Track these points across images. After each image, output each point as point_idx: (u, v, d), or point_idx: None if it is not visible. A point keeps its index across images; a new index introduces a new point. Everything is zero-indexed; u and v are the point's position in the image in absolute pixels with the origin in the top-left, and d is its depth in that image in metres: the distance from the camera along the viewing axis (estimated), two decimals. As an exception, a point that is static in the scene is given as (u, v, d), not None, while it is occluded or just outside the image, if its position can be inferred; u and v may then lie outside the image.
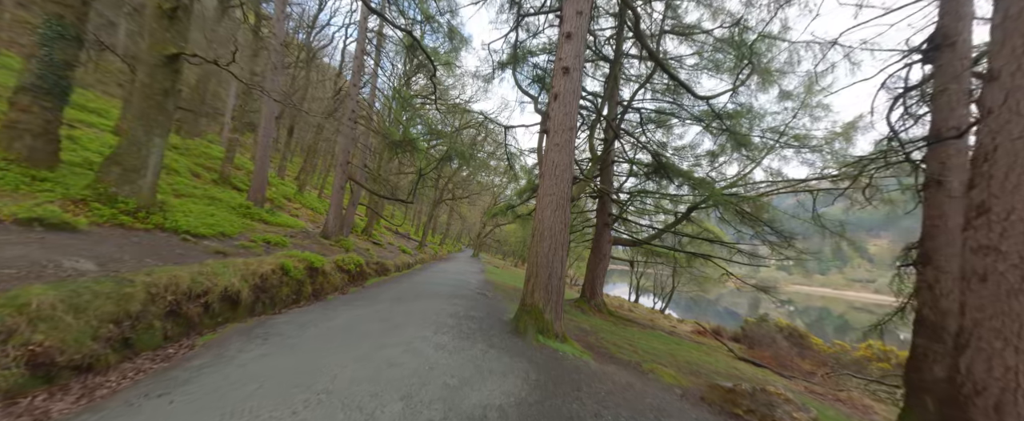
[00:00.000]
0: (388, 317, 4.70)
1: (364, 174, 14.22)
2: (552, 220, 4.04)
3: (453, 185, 27.15)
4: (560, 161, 4.19)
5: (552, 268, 4.00)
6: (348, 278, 8.16)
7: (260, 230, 8.65)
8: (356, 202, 14.80)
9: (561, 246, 4.02)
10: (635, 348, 6.18)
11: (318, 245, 9.78)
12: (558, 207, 4.04)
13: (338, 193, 11.07)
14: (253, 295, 4.28)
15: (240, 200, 10.30)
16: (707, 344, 9.58)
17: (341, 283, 7.36)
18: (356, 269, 8.70)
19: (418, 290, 7.98)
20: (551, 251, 4.00)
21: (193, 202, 8.31)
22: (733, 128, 7.09)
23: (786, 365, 7.70)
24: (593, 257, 10.56)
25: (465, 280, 12.29)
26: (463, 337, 3.89)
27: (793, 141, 7.41)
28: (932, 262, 3.53)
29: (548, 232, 4.05)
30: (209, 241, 5.26)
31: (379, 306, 5.42)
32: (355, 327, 3.99)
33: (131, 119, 4.60)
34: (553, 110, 4.32)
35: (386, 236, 22.46)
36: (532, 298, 4.09)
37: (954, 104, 3.57)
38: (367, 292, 7.03)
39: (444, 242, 37.62)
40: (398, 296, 6.58)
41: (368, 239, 17.79)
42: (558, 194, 4.09)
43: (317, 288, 6.11)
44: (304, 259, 5.89)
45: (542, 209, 4.11)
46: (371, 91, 14.48)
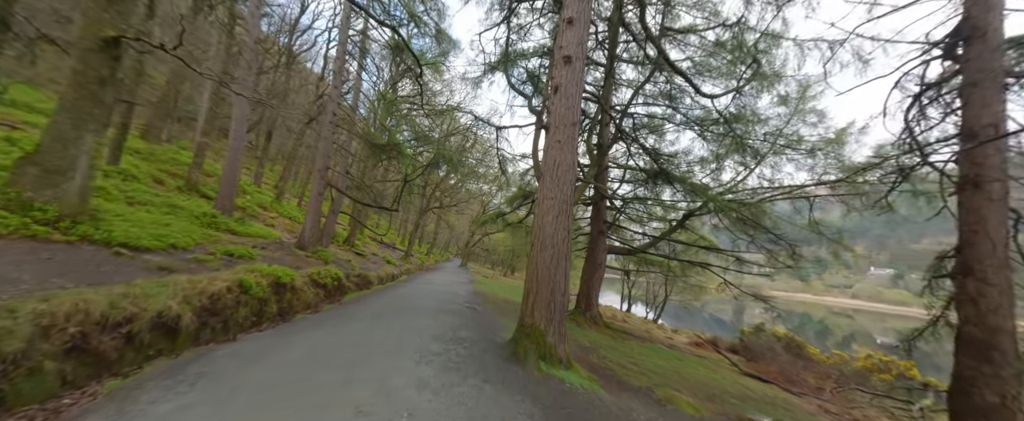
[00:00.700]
0: (363, 341, 4.06)
1: (346, 181, 13.48)
2: (553, 227, 3.52)
3: (441, 193, 26.47)
4: (562, 160, 3.69)
5: (554, 282, 3.47)
6: (324, 293, 7.43)
7: (225, 241, 7.85)
8: (337, 210, 14.00)
9: (564, 257, 3.49)
10: (640, 368, 5.67)
11: (292, 257, 8.99)
12: (560, 213, 3.54)
13: (316, 200, 10.32)
14: (198, 320, 3.59)
15: (206, 208, 9.44)
16: (709, 358, 9.15)
17: (315, 300, 6.64)
18: (333, 283, 7.97)
19: (401, 305, 7.30)
20: (553, 263, 3.50)
21: (148, 211, 7.48)
22: (737, 130, 6.80)
23: (793, 380, 7.31)
24: (588, 266, 10.09)
25: (453, 292, 11.61)
26: (451, 368, 3.29)
27: (796, 145, 7.18)
28: (974, 273, 3.19)
29: (549, 241, 3.53)
30: (153, 255, 4.52)
31: (354, 326, 4.75)
32: (319, 357, 3.34)
33: (58, 112, 3.90)
34: (553, 104, 3.84)
35: (370, 246, 21.52)
36: (532, 318, 3.53)
37: (988, 100, 3.29)
38: (344, 309, 6.32)
39: (431, 252, 36.65)
40: (378, 313, 5.91)
41: (350, 250, 16.89)
42: (560, 198, 3.58)
43: (284, 307, 5.40)
44: (269, 274, 5.19)
45: (542, 215, 3.60)
46: (354, 95, 13.85)
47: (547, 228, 3.61)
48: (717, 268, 9.93)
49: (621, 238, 11.99)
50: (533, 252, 3.67)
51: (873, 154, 7.19)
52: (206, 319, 3.72)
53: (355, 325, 4.80)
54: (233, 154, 9.71)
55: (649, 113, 10.77)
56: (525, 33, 9.90)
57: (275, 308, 5.06)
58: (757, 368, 8.00)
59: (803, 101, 8.29)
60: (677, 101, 8.70)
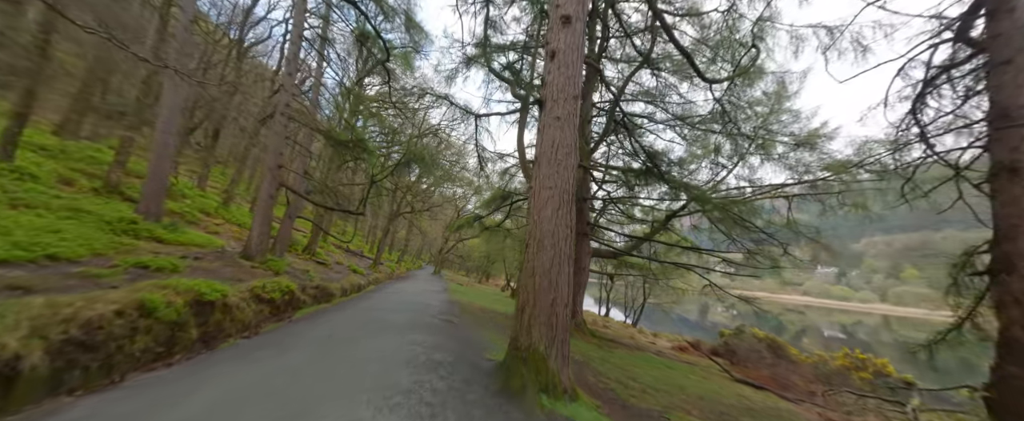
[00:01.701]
0: (305, 377, 3.12)
1: (304, 182, 12.14)
2: (553, 223, 2.84)
3: (412, 197, 25.18)
4: (562, 140, 3.02)
5: (556, 291, 2.78)
6: (269, 310, 6.28)
7: (143, 251, 6.50)
8: (295, 215, 12.58)
9: (566, 259, 2.81)
10: (640, 384, 5.06)
11: (234, 268, 7.70)
12: (561, 204, 2.85)
13: (266, 203, 9.04)
14: (60, 360, 2.54)
15: (126, 213, 7.93)
16: (697, 363, 8.79)
17: (255, 319, 5.51)
18: (283, 297, 6.81)
19: (364, 320, 6.30)
20: (554, 266, 2.82)
21: (40, 215, 6.03)
22: (731, 121, 6.49)
23: (784, 385, 7.05)
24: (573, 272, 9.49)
25: (426, 302, 10.62)
26: (425, 417, 2.47)
27: (782, 139, 7.01)
28: (1017, 270, 2.86)
29: (548, 240, 2.85)
30: (9, 269, 3.35)
31: (298, 355, 3.77)
32: (231, 410, 2.41)
33: None
34: (550, 74, 3.17)
35: (334, 254, 19.86)
36: (528, 337, 2.79)
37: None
38: (292, 329, 5.26)
39: (402, 259, 34.91)
40: (331, 333, 4.91)
41: (311, 258, 15.36)
42: (560, 186, 2.90)
43: (210, 331, 4.31)
44: (189, 290, 4.10)
45: (539, 208, 2.93)
46: (315, 89, 12.58)
47: (545, 224, 2.89)
48: (700, 270, 9.68)
49: (599, 240, 11.55)
50: (528, 255, 2.96)
51: (855, 152, 7.15)
52: (74, 357, 2.66)
53: (300, 353, 3.83)
54: (161, 150, 8.28)
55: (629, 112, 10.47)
56: (502, 28, 9.27)
57: (194, 333, 3.98)
58: (747, 373, 7.69)
59: (786, 97, 8.16)
60: (661, 97, 8.40)
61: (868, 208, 8.25)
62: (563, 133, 3.09)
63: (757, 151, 8.25)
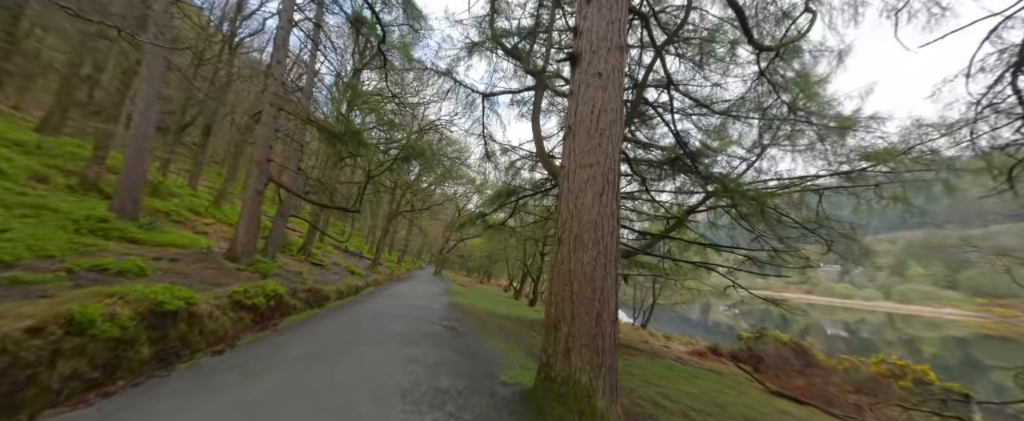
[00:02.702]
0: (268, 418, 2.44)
1: (297, 179, 11.46)
2: (596, 211, 2.15)
3: (412, 195, 24.49)
4: (606, 102, 2.26)
5: (602, 301, 2.08)
6: (251, 318, 5.60)
7: (111, 252, 5.81)
8: (288, 214, 11.89)
9: (612, 259, 2.10)
10: (674, 401, 4.36)
11: (215, 271, 7.02)
12: (606, 187, 2.14)
13: (254, 200, 8.36)
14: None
15: (98, 211, 7.24)
16: (720, 371, 8.09)
17: (232, 329, 4.83)
18: (268, 303, 6.13)
19: (358, 329, 5.61)
20: (598, 269, 2.12)
21: (-9, 211, 5.35)
22: (781, 99, 5.73)
23: (826, 397, 6.34)
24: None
25: (426, 306, 9.94)
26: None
27: (833, 124, 6.28)
28: None
29: (590, 234, 2.14)
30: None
31: (262, 383, 3.05)
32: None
33: None
34: (587, 19, 2.40)
35: (332, 255, 19.18)
36: (567, 364, 2.08)
37: None
38: (272, 341, 4.57)
39: (402, 260, 34.23)
40: (320, 347, 4.22)
41: (306, 259, 14.68)
42: (605, 163, 2.18)
43: (170, 346, 3.62)
44: (141, 298, 3.41)
45: (576, 193, 2.24)
46: (309, 79, 11.88)
47: (584, 213, 2.17)
48: (722, 269, 8.96)
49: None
50: (560, 256, 2.25)
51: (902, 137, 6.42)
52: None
53: (271, 377, 3.13)
54: (138, 142, 7.59)
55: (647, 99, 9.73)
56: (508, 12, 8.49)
57: (146, 352, 3.29)
58: (782, 384, 6.99)
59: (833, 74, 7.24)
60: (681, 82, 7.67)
61: (910, 201, 7.52)
62: (606, 94, 2.36)
63: (793, 137, 7.48)
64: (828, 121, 5.99)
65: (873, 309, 77.88)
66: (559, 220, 2.18)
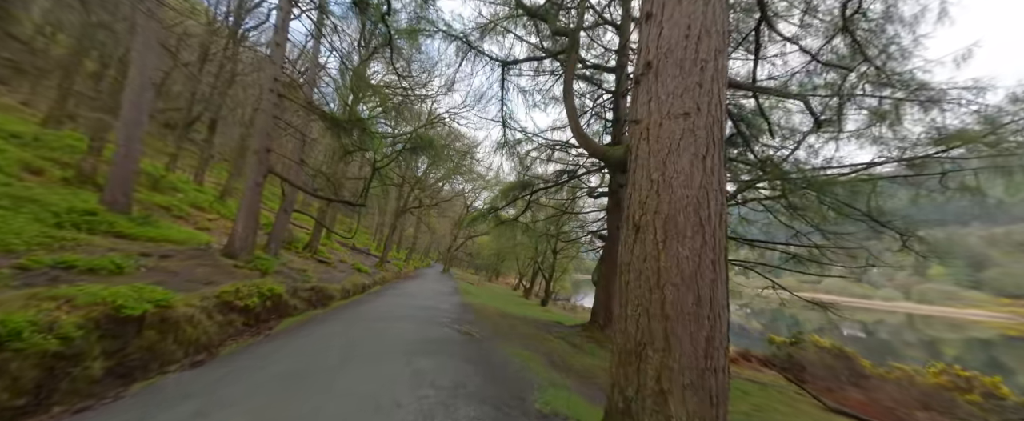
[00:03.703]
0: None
1: (301, 172, 10.94)
2: (696, 181, 1.45)
3: (420, 191, 23.96)
4: (708, 21, 1.45)
5: (713, 319, 1.36)
6: (244, 320, 5.02)
7: (95, 247, 5.30)
8: (291, 209, 11.38)
9: (721, 254, 1.32)
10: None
11: (211, 268, 6.48)
12: (710, 143, 1.32)
13: (253, 193, 7.82)
14: None
15: (87, 204, 6.76)
16: (762, 382, 7.30)
17: (218, 334, 4.24)
18: (264, 303, 5.56)
19: (361, 333, 4.99)
20: (703, 269, 1.40)
21: (-40, 202, 4.85)
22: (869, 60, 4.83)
23: (896, 416, 5.53)
24: (606, 271, 8.08)
25: (436, 306, 9.33)
26: None
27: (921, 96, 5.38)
28: None
29: (687, 215, 1.43)
30: None
31: (236, 411, 2.41)
32: None
33: None
34: None
35: (338, 253, 18.75)
36: (661, 412, 1.36)
37: None
38: (261, 349, 3.95)
39: (410, 257, 33.85)
40: (314, 361, 3.58)
41: (312, 257, 14.20)
42: (707, 108, 1.39)
43: (131, 358, 3.02)
44: (98, 302, 2.81)
45: (661, 155, 1.53)
46: (312, 67, 11.32)
47: (679, 186, 1.45)
48: (762, 268, 8.15)
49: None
50: (638, 250, 1.54)
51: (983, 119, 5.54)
52: None
53: (245, 404, 2.47)
54: (128, 131, 7.09)
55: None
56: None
57: (99, 367, 2.68)
58: (839, 399, 6.18)
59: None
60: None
61: (985, 192, 6.60)
62: (708, 8, 1.65)
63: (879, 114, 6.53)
64: (914, 89, 5.12)
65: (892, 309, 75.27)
66: (633, 198, 1.50)
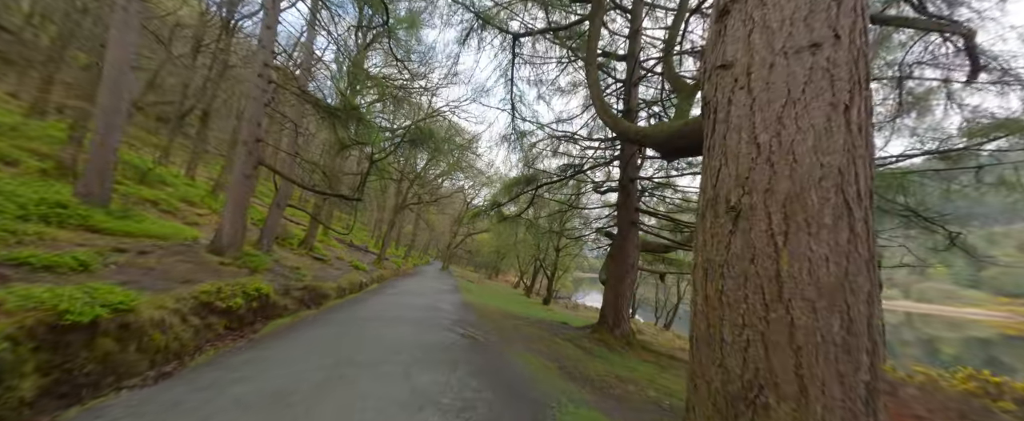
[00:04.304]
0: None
1: (295, 166, 10.44)
2: (839, 142, 0.95)
3: (419, 187, 23.45)
4: None
5: (870, 346, 0.87)
6: (225, 323, 4.56)
7: (61, 243, 4.82)
8: (284, 203, 10.88)
9: (873, 245, 0.84)
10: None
11: (194, 265, 6.01)
12: (854, 88, 0.84)
13: (241, 185, 7.33)
14: None
15: (60, 196, 6.26)
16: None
17: (193, 339, 3.78)
18: (249, 304, 5.10)
19: (355, 338, 4.53)
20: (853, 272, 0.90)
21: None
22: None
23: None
24: (616, 269, 7.63)
25: (436, 305, 8.88)
26: None
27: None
28: None
29: (824, 196, 0.94)
30: None
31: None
32: None
33: None
34: None
35: (336, 249, 18.27)
36: None
37: None
38: (236, 360, 3.48)
39: (409, 255, 33.38)
40: (297, 375, 3.11)
41: (308, 253, 13.73)
42: (849, 38, 0.87)
43: (76, 373, 2.55)
44: (30, 307, 2.34)
45: (775, 107, 1.00)
46: (306, 57, 10.79)
47: (803, 152, 0.98)
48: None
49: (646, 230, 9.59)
50: (736, 248, 1.06)
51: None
52: None
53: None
54: (107, 118, 6.58)
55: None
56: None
57: (32, 386, 2.22)
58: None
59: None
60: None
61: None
62: None
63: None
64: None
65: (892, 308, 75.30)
66: (724, 173, 1.01)
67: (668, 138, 2.10)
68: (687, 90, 3.11)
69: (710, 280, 1.05)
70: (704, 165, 1.20)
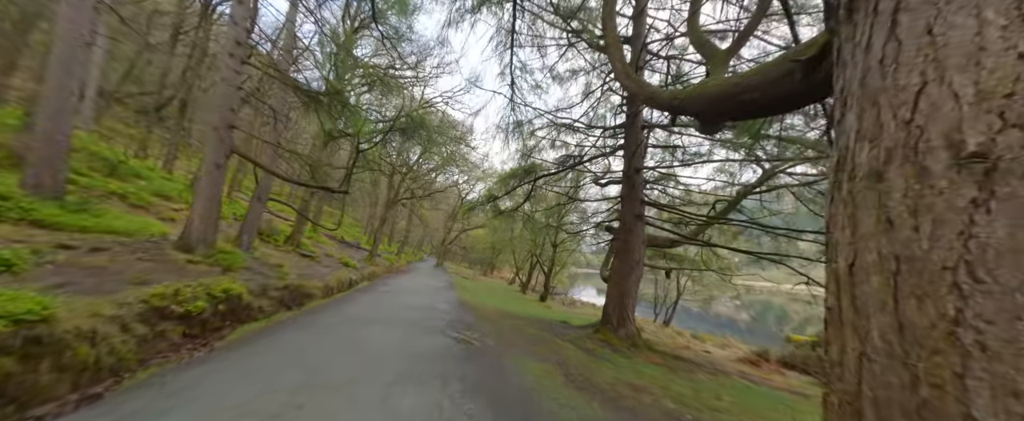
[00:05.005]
0: None
1: (276, 157, 9.77)
2: None
3: (412, 181, 22.77)
4: None
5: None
6: (183, 330, 3.99)
7: (-15, 238, 4.18)
8: (265, 197, 10.23)
9: None
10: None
11: (156, 263, 5.40)
12: None
13: (212, 176, 6.70)
14: None
15: (7, 188, 5.58)
16: (809, 395, 6.48)
17: (138, 352, 3.20)
18: (216, 307, 4.52)
19: (335, 348, 3.99)
20: None
21: None
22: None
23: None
24: (620, 266, 7.17)
25: (430, 305, 8.36)
26: None
27: None
28: None
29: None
30: None
31: None
32: None
33: None
34: None
35: (325, 246, 17.59)
36: None
37: None
38: (187, 375, 2.92)
39: (402, 251, 32.71)
40: (240, 403, 2.54)
41: (294, 250, 13.08)
42: None
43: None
44: None
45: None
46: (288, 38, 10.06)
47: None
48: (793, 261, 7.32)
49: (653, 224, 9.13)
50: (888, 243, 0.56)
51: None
52: None
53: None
54: (57, 101, 5.89)
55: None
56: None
57: None
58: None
59: None
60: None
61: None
62: None
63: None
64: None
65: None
66: (919, 105, 0.60)
67: (714, 99, 1.59)
68: (720, 56, 2.59)
69: (868, 274, 0.56)
70: (837, 113, 0.72)
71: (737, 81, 1.68)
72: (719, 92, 1.62)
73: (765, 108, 1.46)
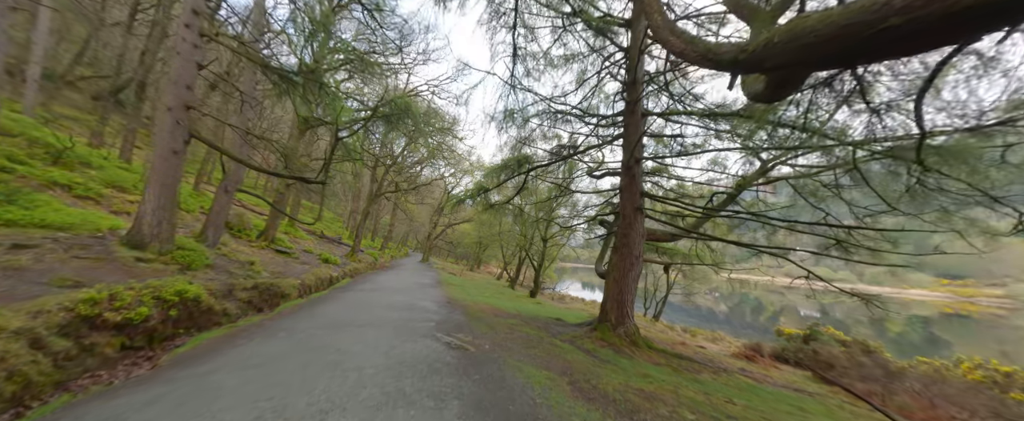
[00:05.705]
0: None
1: (245, 144, 8.91)
2: None
3: (396, 174, 21.91)
4: None
5: None
6: (120, 343, 3.36)
7: None
8: (233, 188, 9.38)
9: None
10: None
11: (93, 263, 4.67)
12: None
13: (166, 162, 5.92)
14: None
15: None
16: (811, 389, 6.34)
17: (50, 375, 2.58)
18: (165, 313, 3.88)
19: (306, 360, 3.44)
20: None
21: None
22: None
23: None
24: (620, 261, 6.81)
25: (416, 304, 7.82)
26: None
27: None
28: None
29: None
30: None
31: None
32: None
33: None
34: None
35: (304, 242, 16.66)
36: None
37: None
38: (110, 407, 2.33)
39: (386, 246, 31.75)
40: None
41: (269, 246, 12.23)
42: None
43: None
44: None
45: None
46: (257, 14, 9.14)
47: None
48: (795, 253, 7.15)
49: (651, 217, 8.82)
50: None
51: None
52: None
53: None
54: (-28, 68, 4.97)
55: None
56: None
57: None
58: (899, 409, 5.25)
59: None
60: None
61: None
62: None
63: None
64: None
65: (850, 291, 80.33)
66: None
67: (830, 39, 1.15)
68: (763, 16, 2.16)
69: None
70: None
71: (833, 24, 1.23)
72: (798, 46, 1.18)
73: (924, 37, 1.01)
